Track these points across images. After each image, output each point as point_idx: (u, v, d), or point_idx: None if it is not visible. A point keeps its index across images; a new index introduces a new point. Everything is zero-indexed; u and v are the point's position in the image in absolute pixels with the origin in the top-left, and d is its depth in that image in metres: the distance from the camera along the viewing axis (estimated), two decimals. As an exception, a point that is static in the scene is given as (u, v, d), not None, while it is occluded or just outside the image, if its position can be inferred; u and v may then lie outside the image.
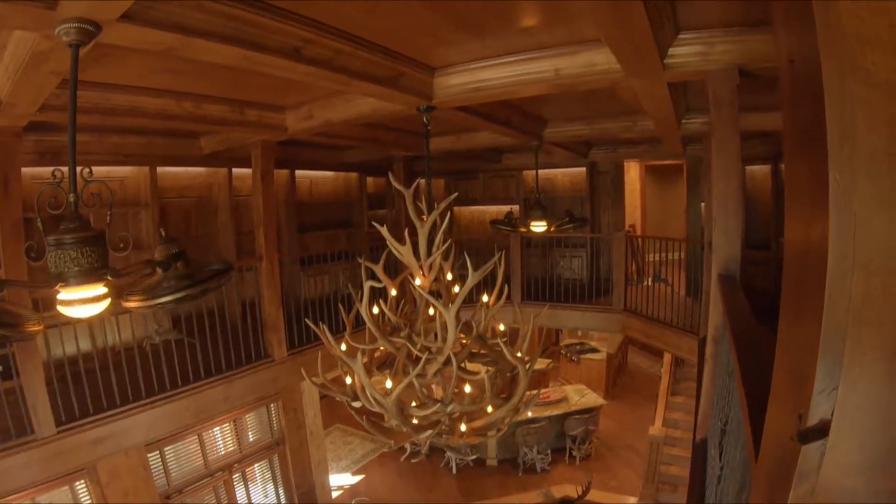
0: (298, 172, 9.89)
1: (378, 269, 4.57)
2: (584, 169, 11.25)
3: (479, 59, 4.41)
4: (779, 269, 6.63)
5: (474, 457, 11.17)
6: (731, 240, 3.96)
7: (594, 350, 14.52)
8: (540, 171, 11.33)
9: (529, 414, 10.55)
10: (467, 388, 4.45)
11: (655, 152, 10.16)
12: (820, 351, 1.11)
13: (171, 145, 7.13)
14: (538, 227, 7.47)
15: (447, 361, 4.10)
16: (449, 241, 4.24)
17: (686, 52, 3.87)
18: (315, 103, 5.84)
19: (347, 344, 4.38)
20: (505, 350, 4.10)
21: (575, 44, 4.05)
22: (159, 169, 7.82)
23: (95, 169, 6.76)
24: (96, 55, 3.46)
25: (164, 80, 4.58)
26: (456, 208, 12.33)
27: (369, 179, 11.43)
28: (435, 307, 4.09)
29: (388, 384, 4.27)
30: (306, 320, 5.15)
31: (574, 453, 11.15)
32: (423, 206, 4.34)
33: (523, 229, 7.75)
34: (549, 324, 9.70)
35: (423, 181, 4.85)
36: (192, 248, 8.09)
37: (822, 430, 1.13)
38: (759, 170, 9.40)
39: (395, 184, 4.23)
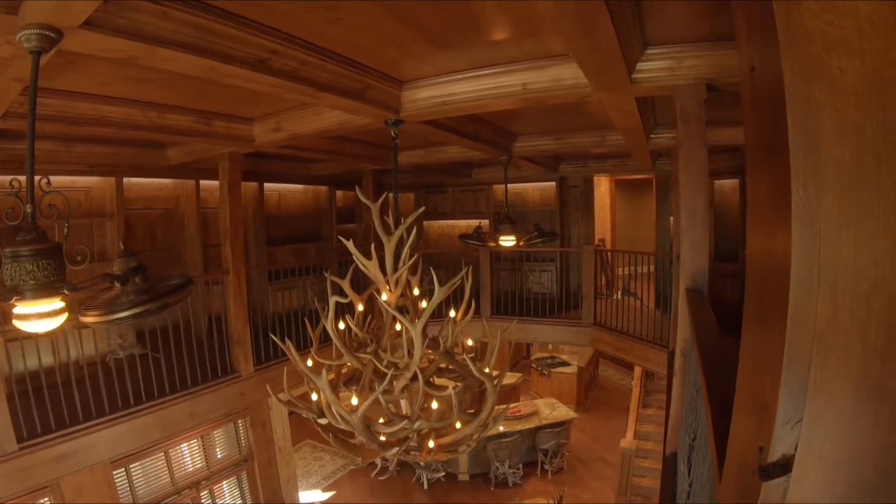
0: (267, 185, 9.79)
1: (345, 284, 4.53)
2: (554, 183, 11.28)
3: (448, 73, 4.38)
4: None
5: (442, 474, 11.09)
6: (699, 253, 3.96)
7: (565, 363, 14.56)
8: (510, 186, 11.34)
9: (501, 428, 10.47)
10: (434, 405, 4.41)
11: (625, 167, 10.25)
12: (783, 378, 1.05)
13: (138, 155, 7.00)
14: (507, 241, 7.45)
15: (414, 377, 4.06)
16: (416, 256, 4.20)
17: (654, 67, 3.87)
18: (283, 115, 5.77)
19: (313, 360, 4.32)
20: (471, 365, 4.05)
21: (543, 58, 4.04)
22: (126, 179, 7.70)
23: (61, 178, 6.77)
24: (61, 62, 3.41)
25: (129, 89, 4.50)
26: (426, 222, 12.33)
27: (339, 193, 11.35)
28: (401, 323, 4.04)
29: (354, 401, 4.21)
30: (272, 336, 5.08)
31: (546, 467, 11.13)
32: (390, 221, 4.27)
33: (492, 244, 7.72)
34: (519, 338, 9.71)
35: (390, 195, 4.80)
36: (159, 261, 8.12)
37: (784, 466, 1.07)
38: (728, 183, 9.52)
39: (362, 197, 4.19)
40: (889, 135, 0.94)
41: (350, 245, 4.30)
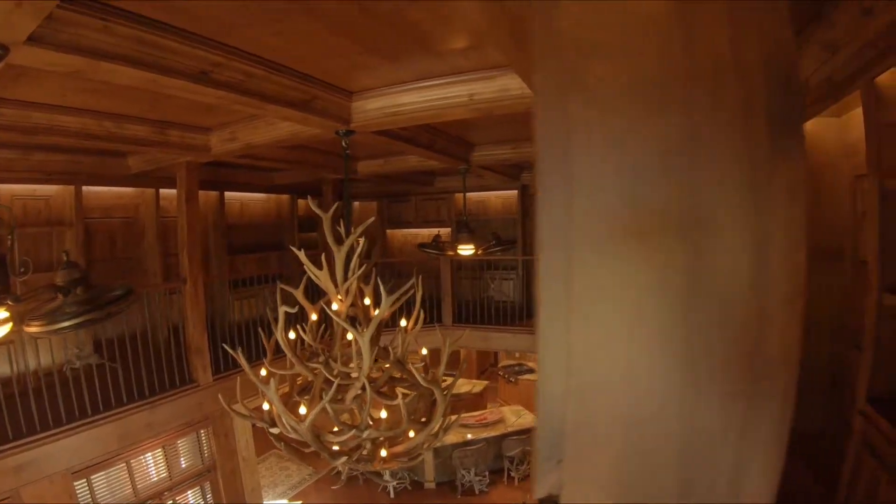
0: (228, 194, 9.75)
1: (298, 294, 4.53)
2: (515, 191, 11.41)
3: (396, 84, 4.43)
4: None
5: (395, 481, 11.05)
6: None
7: (532, 371, 14.56)
8: (473, 194, 11.45)
9: (469, 436, 10.62)
10: (383, 414, 4.43)
11: None
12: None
13: (98, 164, 6.94)
14: (465, 250, 7.49)
15: (365, 387, 4.09)
16: (365, 266, 4.23)
17: None
18: (238, 125, 5.78)
19: (267, 370, 4.33)
20: (417, 375, 4.09)
21: (490, 68, 4.09)
22: (86, 188, 7.65)
23: (20, 187, 6.71)
24: (13, 74, 3.48)
25: (84, 100, 4.52)
26: (389, 231, 12.40)
27: (301, 202, 11.32)
28: (351, 333, 4.06)
29: (303, 410, 4.23)
30: (224, 345, 5.07)
31: (513, 474, 11.09)
32: (343, 230, 4.30)
33: (451, 253, 7.74)
34: (481, 346, 9.73)
35: (345, 204, 4.83)
36: (119, 270, 8.07)
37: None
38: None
39: (314, 207, 4.22)
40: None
41: (301, 255, 4.33)
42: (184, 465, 7.18)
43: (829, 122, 3.94)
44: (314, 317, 4.63)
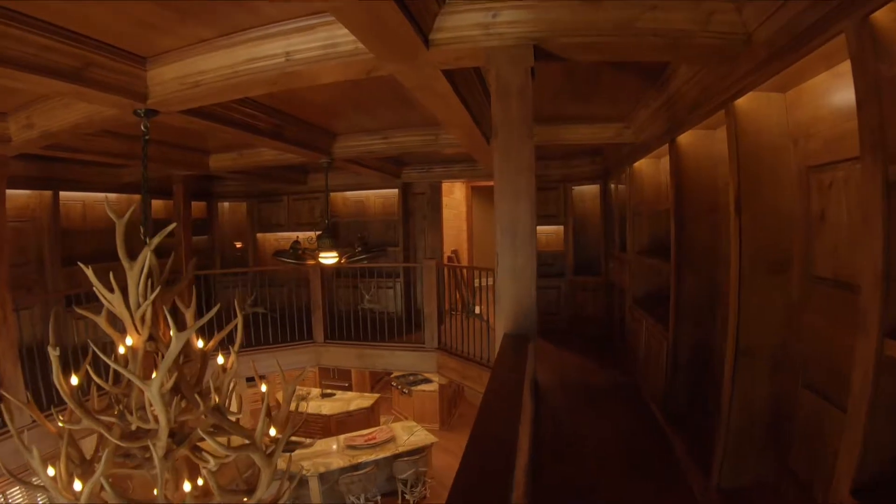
0: (66, 194, 8.31)
1: (101, 321, 3.49)
2: (396, 190, 10.27)
3: (195, 44, 3.31)
4: (610, 293, 5.73)
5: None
6: (523, 284, 3.09)
7: (427, 381, 13.71)
8: (350, 193, 10.38)
9: (357, 459, 9.76)
10: (187, 487, 3.35)
11: (475, 172, 9.41)
12: None
13: None
14: (328, 258, 6.42)
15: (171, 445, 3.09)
16: (157, 290, 3.15)
17: (459, 24, 2.89)
18: (34, 108, 4.57)
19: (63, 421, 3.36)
20: (236, 429, 3.08)
21: (310, 15, 3.01)
22: None
23: None
24: None
25: None
26: (259, 235, 11.05)
27: (155, 202, 9.85)
28: (133, 379, 3.01)
29: (77, 486, 3.18)
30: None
31: (407, 497, 10.19)
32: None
33: (311, 261, 6.63)
34: (355, 365, 8.62)
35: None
36: None
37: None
38: (590, 189, 8.95)
39: (109, 211, 3.34)
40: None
41: (89, 272, 3.63)
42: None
43: (770, 99, 3.11)
44: (122, 349, 3.55)
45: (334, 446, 10.26)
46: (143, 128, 3.95)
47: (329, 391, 13.42)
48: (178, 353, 3.11)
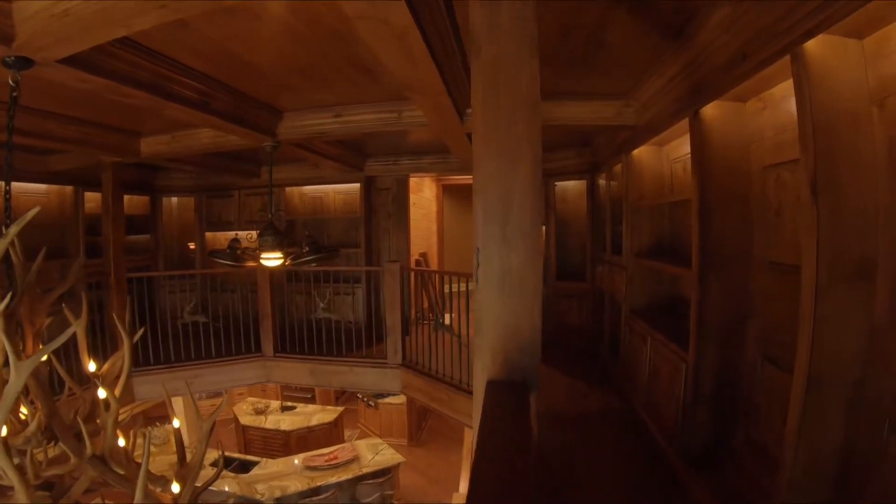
0: (-21, 184, 7.24)
1: None
2: (359, 185, 9.12)
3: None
4: (597, 302, 4.68)
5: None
6: (519, 296, 2.11)
7: (393, 393, 12.81)
8: (308, 188, 9.37)
9: (316, 483, 8.84)
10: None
11: (446, 165, 8.39)
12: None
13: None
14: (271, 259, 5.44)
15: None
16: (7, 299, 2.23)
17: None
18: None
19: None
20: (114, 478, 2.19)
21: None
22: None
23: None
24: None
25: None
26: (208, 234, 9.88)
27: (88, 194, 8.76)
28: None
29: None
30: None
31: (372, 525, 9.29)
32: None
33: (251, 263, 5.63)
34: (310, 382, 7.57)
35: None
36: None
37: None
38: (574, 186, 7.99)
39: None
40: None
41: None
42: None
43: (846, 47, 2.34)
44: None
45: (293, 465, 9.35)
46: (11, 82, 3.00)
47: (289, 404, 12.51)
48: (20, 390, 2.17)
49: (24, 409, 2.61)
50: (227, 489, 8.45)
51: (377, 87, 4.53)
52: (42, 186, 7.94)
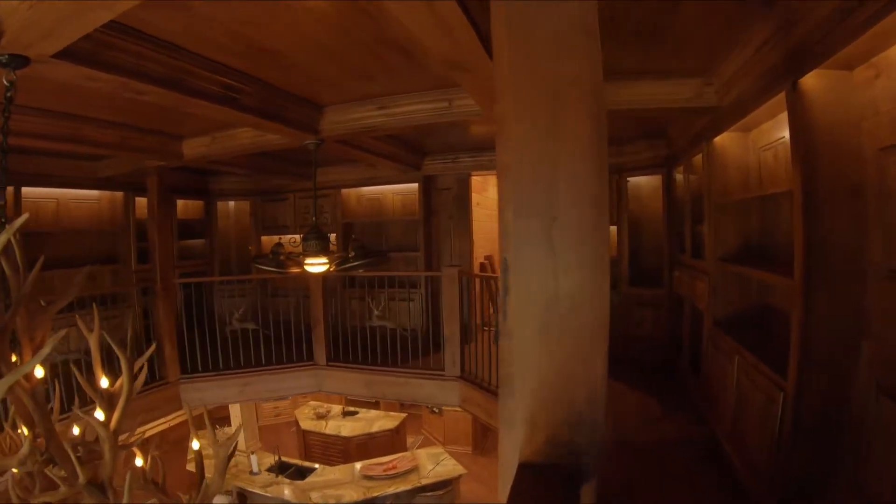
0: (32, 190, 7.16)
1: None
2: (416, 185, 8.64)
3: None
4: (675, 310, 3.96)
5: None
6: (572, 338, 1.43)
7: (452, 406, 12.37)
8: (366, 189, 8.98)
9: (372, 493, 8.36)
10: None
11: None
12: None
13: None
14: (315, 265, 5.06)
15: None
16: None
17: None
18: None
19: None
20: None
21: None
22: None
23: None
24: None
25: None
26: (264, 238, 9.55)
27: (140, 200, 8.61)
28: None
29: None
30: None
31: (431, 538, 8.84)
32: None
33: (295, 269, 5.27)
34: (364, 393, 7.09)
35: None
36: None
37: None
38: (648, 182, 7.32)
39: None
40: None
41: None
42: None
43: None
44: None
45: (351, 473, 8.93)
46: (6, 82, 2.69)
47: (351, 409, 12.15)
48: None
49: (24, 429, 2.37)
50: (286, 493, 8.21)
51: (420, 72, 4.06)
52: (94, 193, 7.96)
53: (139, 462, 2.75)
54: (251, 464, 9.05)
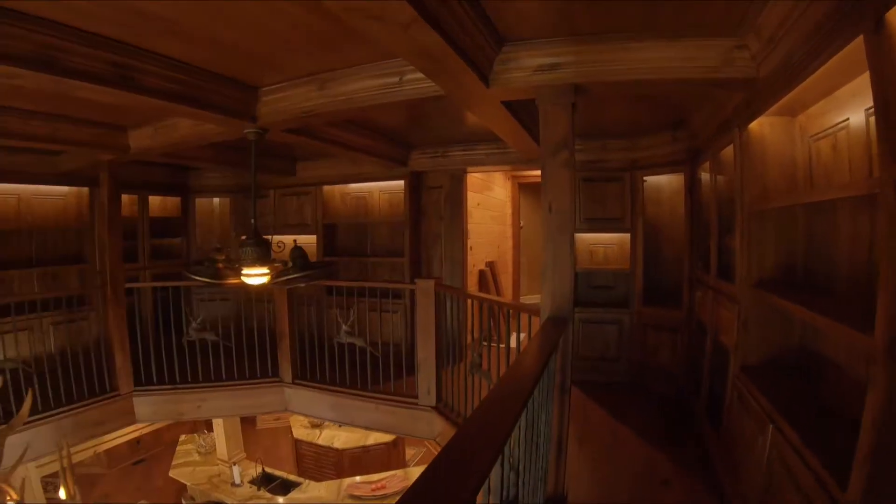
0: (-7, 187, 6.64)
1: None
2: (402, 182, 7.65)
3: None
4: (695, 338, 2.08)
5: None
6: None
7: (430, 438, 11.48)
8: (353, 187, 8.09)
9: None
10: None
11: (503, 155, 6.78)
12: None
13: None
14: (254, 276, 4.23)
15: None
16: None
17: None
18: None
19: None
20: None
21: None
22: None
23: None
24: None
25: None
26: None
27: (127, 199, 7.98)
28: None
29: None
30: None
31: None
32: None
33: (233, 280, 4.41)
34: (330, 417, 6.09)
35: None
36: None
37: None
38: (669, 182, 6.31)
39: None
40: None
41: None
42: None
43: None
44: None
45: (336, 491, 8.32)
46: None
47: (348, 420, 11.27)
48: None
49: None
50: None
51: (365, 48, 3.21)
52: (60, 188, 7.44)
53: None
54: (233, 475, 8.58)
